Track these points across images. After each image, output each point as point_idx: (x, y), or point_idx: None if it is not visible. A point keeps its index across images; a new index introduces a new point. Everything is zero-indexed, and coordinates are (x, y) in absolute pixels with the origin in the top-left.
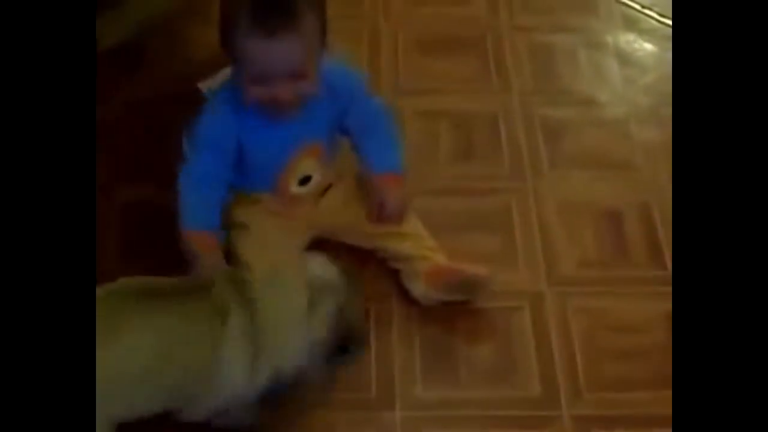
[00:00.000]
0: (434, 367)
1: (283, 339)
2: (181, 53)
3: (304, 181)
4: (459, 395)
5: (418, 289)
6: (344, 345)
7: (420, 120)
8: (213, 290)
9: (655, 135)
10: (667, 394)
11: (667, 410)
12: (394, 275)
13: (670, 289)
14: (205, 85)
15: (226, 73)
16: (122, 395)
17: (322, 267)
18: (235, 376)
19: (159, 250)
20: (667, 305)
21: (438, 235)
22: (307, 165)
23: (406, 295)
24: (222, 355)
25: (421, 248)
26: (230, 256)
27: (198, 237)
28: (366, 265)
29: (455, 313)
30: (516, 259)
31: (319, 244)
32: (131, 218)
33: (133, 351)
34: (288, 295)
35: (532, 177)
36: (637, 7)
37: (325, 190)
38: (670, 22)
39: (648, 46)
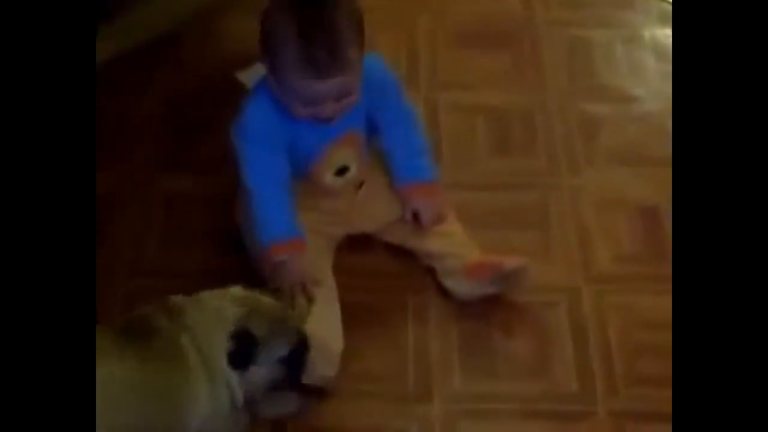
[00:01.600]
0: (471, 361)
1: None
2: (217, 45)
3: (341, 171)
4: (496, 389)
5: (456, 285)
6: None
7: (457, 114)
8: (162, 330)
9: None
10: None
11: None
12: (430, 270)
13: None
14: (242, 75)
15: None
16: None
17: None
18: (202, 405)
19: (199, 239)
20: None
21: (474, 229)
22: (345, 155)
23: (442, 290)
24: (188, 393)
25: (456, 245)
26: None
27: (287, 248)
28: (402, 259)
29: (492, 307)
30: (552, 255)
31: (355, 241)
32: (172, 209)
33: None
34: (216, 318)
35: (568, 172)
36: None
37: (361, 184)
38: None
39: None
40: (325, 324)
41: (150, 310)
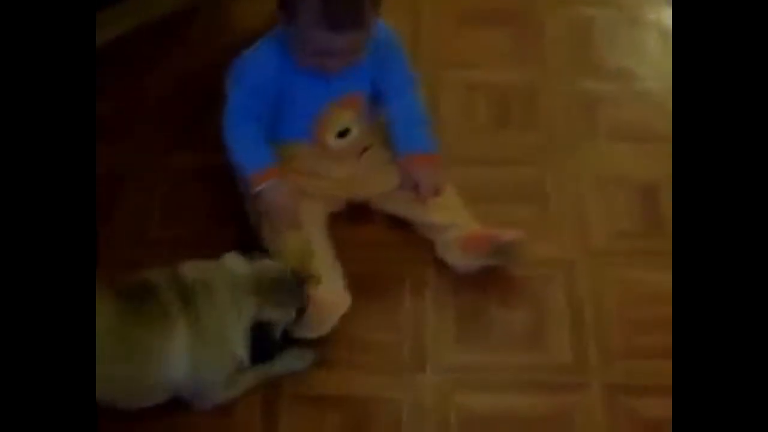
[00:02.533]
0: (467, 333)
1: (224, 336)
2: (227, 24)
3: (343, 134)
4: (490, 360)
5: (454, 257)
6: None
7: (458, 91)
8: (160, 294)
9: None
10: None
11: None
12: (429, 242)
13: None
14: None
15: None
16: None
17: (240, 264)
18: (178, 370)
19: (211, 210)
20: None
21: (474, 203)
22: (346, 117)
23: (440, 262)
24: (167, 353)
25: (455, 218)
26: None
27: (267, 174)
28: (401, 231)
29: (489, 280)
30: (550, 229)
31: (354, 212)
32: (183, 183)
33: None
34: (220, 299)
35: (567, 149)
36: None
37: (363, 150)
38: None
39: None
40: (329, 284)
41: (160, 280)
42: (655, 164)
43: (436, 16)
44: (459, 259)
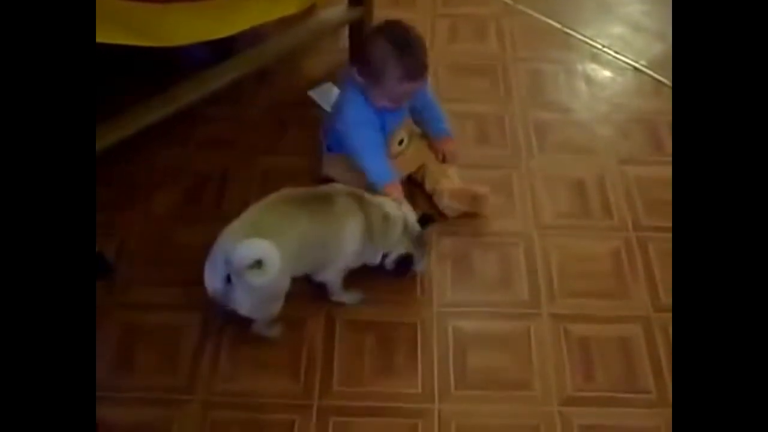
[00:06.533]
0: (458, 280)
1: (388, 233)
2: (298, 72)
3: (400, 142)
4: (474, 298)
5: (445, 203)
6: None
7: (452, 118)
8: (337, 198)
9: (609, 132)
10: (612, 302)
11: (612, 312)
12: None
13: (615, 233)
14: (313, 93)
15: (328, 83)
16: (293, 268)
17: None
18: (349, 253)
19: None
20: (613, 243)
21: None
22: (402, 132)
23: (441, 232)
24: (345, 246)
25: (451, 180)
26: None
27: (394, 186)
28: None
29: (474, 246)
30: (514, 211)
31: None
32: (268, 182)
33: (297, 246)
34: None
35: (526, 157)
36: (599, 46)
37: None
38: (622, 57)
39: (606, 72)
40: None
41: (335, 191)
42: (584, 167)
43: (435, 68)
44: (448, 205)
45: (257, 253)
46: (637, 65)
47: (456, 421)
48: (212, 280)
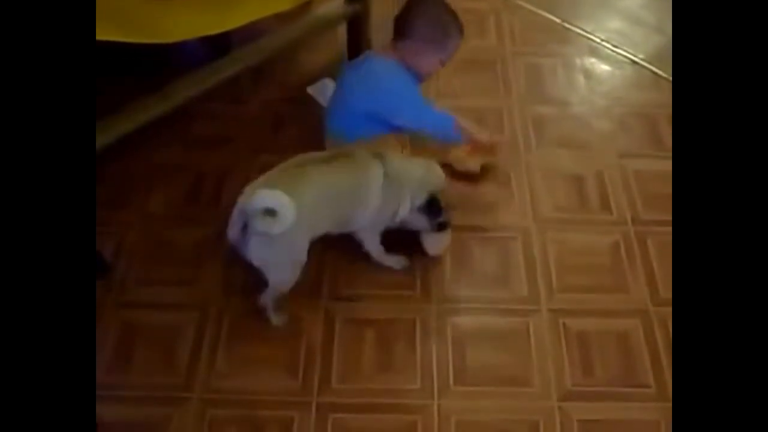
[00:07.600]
0: (457, 275)
1: (405, 185)
2: (295, 68)
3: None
4: (474, 294)
5: (464, 161)
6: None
7: (452, 111)
8: (356, 156)
9: (608, 125)
10: (611, 297)
11: (612, 306)
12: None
13: (614, 227)
14: (311, 89)
15: (326, 79)
16: (312, 224)
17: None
18: (373, 208)
19: None
20: (612, 238)
21: None
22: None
23: None
24: (368, 195)
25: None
26: None
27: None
28: None
29: (472, 241)
30: (513, 205)
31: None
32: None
33: (315, 197)
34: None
35: (524, 152)
36: (597, 40)
37: None
38: (620, 51)
39: (605, 66)
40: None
41: (354, 149)
42: (582, 162)
43: None
44: (466, 162)
45: (271, 202)
46: (635, 59)
47: (455, 417)
48: (232, 230)
